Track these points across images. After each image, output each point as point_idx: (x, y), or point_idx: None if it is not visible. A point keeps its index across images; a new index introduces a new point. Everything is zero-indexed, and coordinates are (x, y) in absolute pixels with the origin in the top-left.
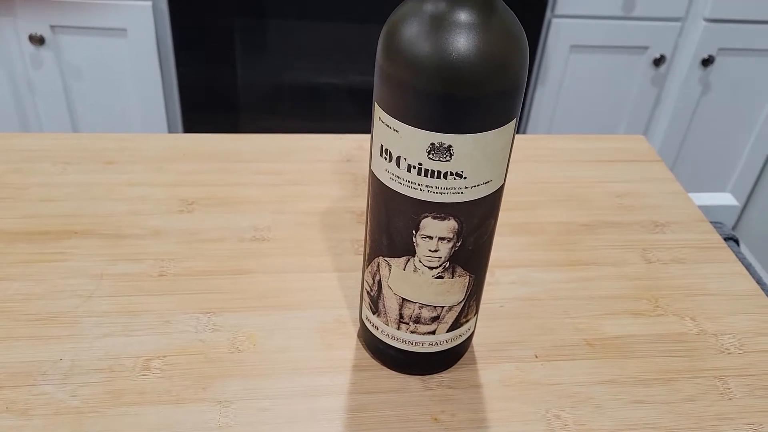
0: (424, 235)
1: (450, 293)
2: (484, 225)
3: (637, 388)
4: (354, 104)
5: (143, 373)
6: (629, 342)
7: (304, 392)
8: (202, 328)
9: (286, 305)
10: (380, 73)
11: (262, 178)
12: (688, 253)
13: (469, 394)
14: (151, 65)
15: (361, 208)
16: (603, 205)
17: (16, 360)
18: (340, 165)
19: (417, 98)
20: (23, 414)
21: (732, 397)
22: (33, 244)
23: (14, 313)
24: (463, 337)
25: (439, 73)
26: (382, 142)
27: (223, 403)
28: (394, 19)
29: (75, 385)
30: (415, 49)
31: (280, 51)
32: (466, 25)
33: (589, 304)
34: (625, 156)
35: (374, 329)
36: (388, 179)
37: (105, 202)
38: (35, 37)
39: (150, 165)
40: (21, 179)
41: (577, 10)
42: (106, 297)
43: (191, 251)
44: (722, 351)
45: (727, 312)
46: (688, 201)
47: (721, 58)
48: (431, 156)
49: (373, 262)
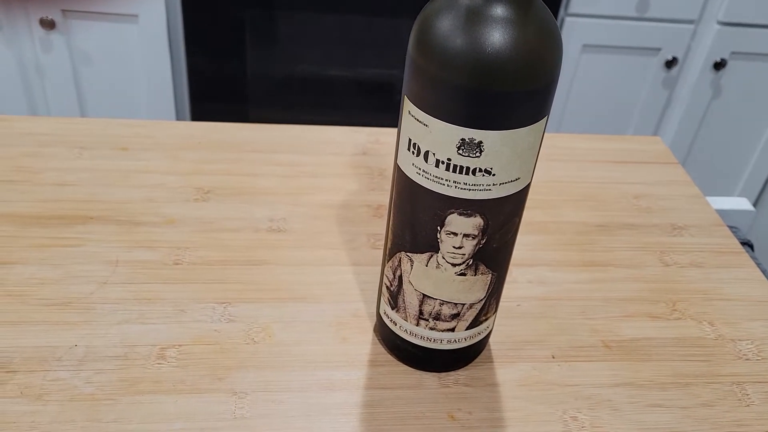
0: (449, 231)
1: (472, 291)
2: (509, 223)
3: (654, 392)
4: (364, 97)
5: (158, 361)
6: (646, 345)
7: (320, 386)
8: (218, 318)
9: (302, 298)
10: (411, 66)
11: (278, 169)
12: (706, 257)
13: (486, 393)
14: (161, 53)
15: (377, 202)
16: (620, 206)
17: (30, 345)
18: (357, 158)
19: (449, 93)
20: (38, 399)
21: (750, 404)
22: (48, 228)
23: (29, 298)
24: (482, 335)
25: (472, 67)
26: (410, 136)
27: (239, 394)
28: (427, 12)
29: (90, 372)
30: (449, 42)
31: (290, 43)
32: (502, 20)
33: (606, 306)
34: (642, 157)
35: (392, 324)
36: (414, 174)
37: (120, 188)
38: (46, 21)
39: (165, 152)
40: (36, 163)
41: (590, 10)
42: (121, 284)
43: (206, 240)
44: (740, 357)
45: (745, 317)
46: (705, 205)
47: (734, 62)
48: (461, 152)
49: (395, 257)
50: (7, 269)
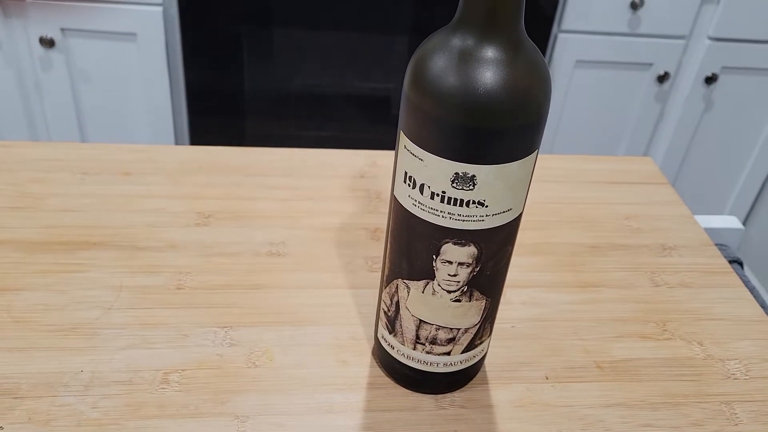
0: (444, 259)
1: (466, 316)
2: (502, 251)
3: (645, 412)
4: (360, 110)
5: (162, 386)
6: (638, 365)
7: (319, 409)
8: (219, 342)
9: (301, 321)
10: (407, 104)
11: (277, 193)
12: (695, 277)
13: (482, 414)
14: (159, 70)
15: (374, 225)
16: (611, 226)
17: (37, 371)
18: (354, 181)
19: (443, 129)
20: (46, 425)
21: (738, 423)
22: (53, 254)
23: (35, 324)
24: (477, 358)
25: (466, 106)
26: (406, 169)
27: (241, 417)
28: (422, 52)
29: (96, 397)
30: (443, 82)
31: (288, 58)
32: (493, 61)
33: (598, 326)
34: (633, 178)
35: (390, 348)
36: (410, 205)
37: (123, 213)
38: (45, 40)
39: (167, 177)
40: (40, 189)
41: (583, 26)
42: (125, 309)
43: (208, 265)
44: (728, 376)
45: (734, 337)
46: (694, 224)
47: (725, 77)
48: (455, 185)
49: (392, 283)
50: (14, 295)
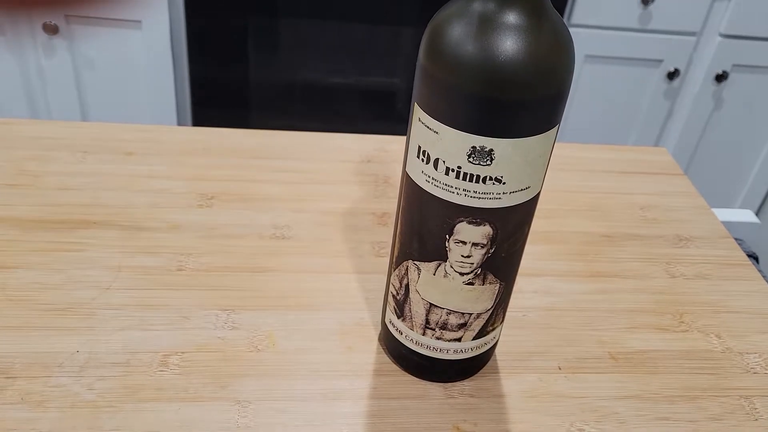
0: (457, 240)
1: (479, 300)
2: (518, 232)
3: (662, 405)
4: (365, 104)
5: (161, 368)
6: (654, 357)
7: (324, 395)
8: (221, 326)
9: (306, 305)
10: (422, 74)
11: (282, 176)
12: (712, 269)
13: (492, 404)
14: (164, 59)
15: (382, 210)
16: (626, 216)
17: (31, 350)
18: (362, 166)
19: (460, 100)
20: (39, 406)
21: (758, 418)
22: (50, 232)
23: (30, 302)
24: (488, 345)
25: (485, 75)
26: (420, 144)
27: (242, 402)
28: (439, 19)
29: (91, 379)
30: (460, 50)
31: (292, 50)
32: (514, 28)
33: (612, 317)
34: (648, 168)
35: (398, 334)
36: (423, 181)
37: (124, 193)
38: (49, 26)
39: (169, 158)
40: (39, 167)
41: (593, 21)
42: (124, 289)
43: (210, 246)
44: (748, 370)
45: (753, 330)
46: (711, 216)
47: (735, 75)
48: (471, 159)
49: (402, 265)
50: (9, 273)
